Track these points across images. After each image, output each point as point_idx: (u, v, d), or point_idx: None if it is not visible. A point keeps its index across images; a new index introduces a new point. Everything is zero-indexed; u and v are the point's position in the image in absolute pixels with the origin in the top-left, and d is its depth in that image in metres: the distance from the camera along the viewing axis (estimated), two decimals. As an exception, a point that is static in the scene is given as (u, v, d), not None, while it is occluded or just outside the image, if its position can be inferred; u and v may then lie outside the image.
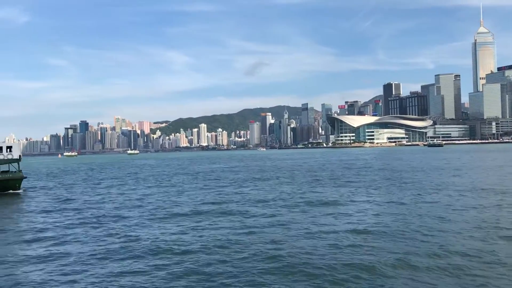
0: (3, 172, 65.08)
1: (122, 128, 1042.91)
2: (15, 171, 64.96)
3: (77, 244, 26.87)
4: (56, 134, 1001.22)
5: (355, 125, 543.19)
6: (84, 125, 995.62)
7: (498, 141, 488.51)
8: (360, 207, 37.93)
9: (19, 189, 63.98)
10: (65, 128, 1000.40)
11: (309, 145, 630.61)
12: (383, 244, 24.14)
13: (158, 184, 70.54)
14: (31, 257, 24.23)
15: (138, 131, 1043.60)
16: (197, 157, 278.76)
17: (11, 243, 28.08)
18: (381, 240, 25.26)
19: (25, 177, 68.36)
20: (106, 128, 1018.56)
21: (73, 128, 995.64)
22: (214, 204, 42.66)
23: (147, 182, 76.57)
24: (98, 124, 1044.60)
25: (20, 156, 66.10)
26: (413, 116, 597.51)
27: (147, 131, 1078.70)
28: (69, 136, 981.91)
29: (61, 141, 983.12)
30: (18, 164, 65.60)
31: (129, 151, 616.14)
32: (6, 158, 63.96)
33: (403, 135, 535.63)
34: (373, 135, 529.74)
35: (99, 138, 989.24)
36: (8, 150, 64.64)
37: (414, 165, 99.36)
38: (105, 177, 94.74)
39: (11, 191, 62.76)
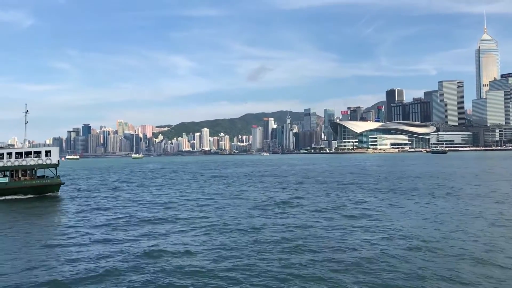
0: (40, 177, 63.64)
1: (125, 131, 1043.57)
2: (53, 177, 63.54)
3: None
4: (59, 137, 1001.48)
5: (358, 131, 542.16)
6: (87, 128, 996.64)
7: (501, 148, 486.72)
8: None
9: (57, 193, 63.06)
10: (68, 131, 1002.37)
11: (312, 151, 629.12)
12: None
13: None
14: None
15: (141, 135, 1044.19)
16: (205, 161, 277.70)
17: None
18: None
19: (63, 183, 66.71)
20: (108, 131, 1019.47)
21: (76, 131, 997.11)
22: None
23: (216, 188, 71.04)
24: (101, 127, 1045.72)
25: (58, 161, 64.29)
26: (416, 123, 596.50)
27: (149, 135, 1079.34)
28: (72, 139, 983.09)
29: (64, 144, 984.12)
30: (56, 169, 63.98)
31: (134, 155, 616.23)
32: (44, 162, 62.46)
33: (406, 142, 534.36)
34: (376, 141, 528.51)
35: (102, 141, 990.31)
36: (47, 154, 62.96)
37: (447, 172, 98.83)
38: (144, 181, 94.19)
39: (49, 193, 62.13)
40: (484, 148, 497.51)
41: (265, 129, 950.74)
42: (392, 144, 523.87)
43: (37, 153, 62.99)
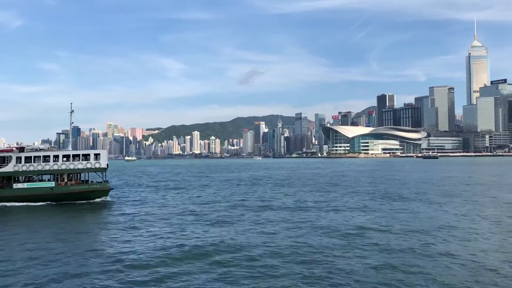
0: (86, 181, 60.06)
1: (114, 134, 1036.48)
2: (101, 181, 59.82)
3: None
4: (48, 139, 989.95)
5: (350, 136, 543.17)
6: (76, 130, 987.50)
7: (491, 154, 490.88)
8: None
9: (106, 199, 59.72)
10: (57, 133, 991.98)
11: (304, 155, 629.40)
12: None
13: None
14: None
15: (131, 138, 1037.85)
16: (203, 165, 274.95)
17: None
18: None
19: (112, 189, 63.33)
20: (98, 134, 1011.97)
21: (65, 133, 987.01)
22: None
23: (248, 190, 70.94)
24: (90, 129, 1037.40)
25: (107, 164, 60.71)
26: (408, 128, 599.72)
27: (139, 137, 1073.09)
28: (61, 141, 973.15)
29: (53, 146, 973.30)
30: (105, 173, 60.37)
31: (127, 158, 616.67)
32: (93, 166, 58.83)
33: (398, 147, 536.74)
34: (367, 146, 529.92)
35: (91, 143, 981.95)
36: (96, 157, 59.53)
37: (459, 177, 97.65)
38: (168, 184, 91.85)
39: (97, 199, 58.40)
40: (474, 154, 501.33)
41: (256, 133, 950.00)
42: (383, 149, 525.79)
43: (86, 156, 59.54)
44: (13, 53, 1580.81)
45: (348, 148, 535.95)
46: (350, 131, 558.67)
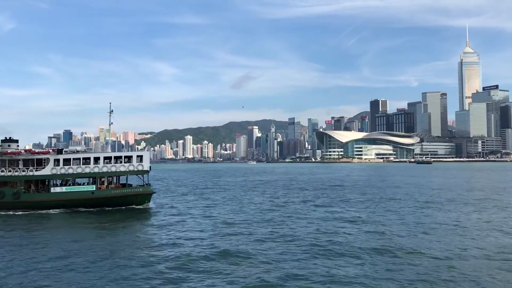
0: (126, 185, 56.71)
1: (107, 138, 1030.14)
2: (143, 185, 56.55)
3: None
4: (39, 143, 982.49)
5: (344, 141, 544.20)
6: (68, 134, 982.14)
7: (484, 159, 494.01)
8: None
9: (148, 205, 56.00)
10: (49, 137, 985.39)
11: (297, 160, 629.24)
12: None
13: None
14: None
15: (123, 142, 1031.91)
16: (199, 169, 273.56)
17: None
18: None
19: (154, 192, 60.29)
20: (90, 138, 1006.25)
21: (57, 137, 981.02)
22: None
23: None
24: (82, 133, 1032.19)
25: (150, 167, 57.53)
26: (401, 133, 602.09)
27: (131, 141, 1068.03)
28: (53, 145, 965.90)
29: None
30: (147, 176, 57.36)
31: None
32: (136, 169, 55.58)
33: (391, 152, 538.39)
34: (361, 151, 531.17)
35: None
36: (139, 159, 56.23)
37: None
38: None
39: (140, 206, 54.61)
40: (467, 159, 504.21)
41: (249, 137, 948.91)
42: (377, 154, 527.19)
43: (128, 158, 56.40)
44: (5, 56, 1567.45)
45: (342, 153, 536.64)
46: (343, 136, 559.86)
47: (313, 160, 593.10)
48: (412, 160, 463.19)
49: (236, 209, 53.48)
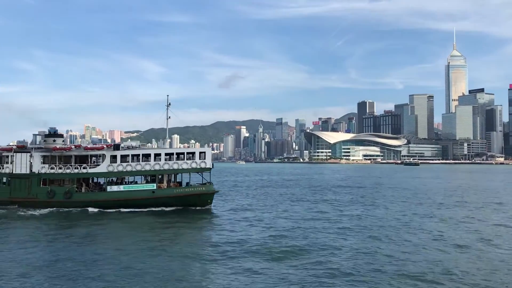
0: (187, 184, 53.50)
1: (92, 136, 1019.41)
2: (205, 183, 52.70)
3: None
4: (24, 140, 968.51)
5: (332, 142, 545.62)
6: (53, 132, 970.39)
7: (470, 161, 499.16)
8: None
9: (210, 205, 52.13)
10: (33, 135, 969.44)
11: (286, 160, 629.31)
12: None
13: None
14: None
15: (109, 140, 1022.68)
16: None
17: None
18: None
19: (217, 191, 56.10)
20: (75, 135, 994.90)
21: (42, 134, 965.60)
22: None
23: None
24: (67, 131, 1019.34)
25: (212, 164, 53.63)
26: (388, 135, 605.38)
27: (117, 140, 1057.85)
28: (37, 142, 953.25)
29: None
30: (209, 174, 53.19)
31: None
32: (199, 166, 51.65)
33: (378, 153, 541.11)
34: (349, 152, 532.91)
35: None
36: (202, 156, 52.39)
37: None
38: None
39: (198, 207, 50.75)
40: (453, 161, 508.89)
41: (236, 137, 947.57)
42: (364, 155, 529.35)
43: (191, 155, 52.58)
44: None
45: (330, 154, 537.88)
46: (331, 137, 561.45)
47: (301, 160, 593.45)
48: (399, 161, 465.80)
49: (297, 209, 51.74)
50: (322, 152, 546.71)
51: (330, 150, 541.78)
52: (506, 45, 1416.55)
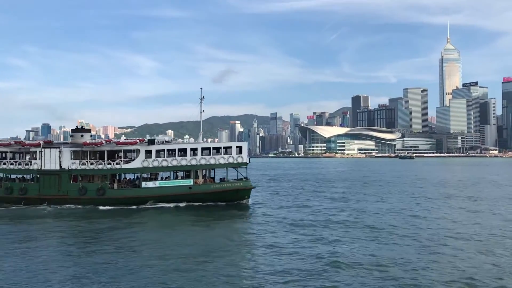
0: (222, 179, 51.79)
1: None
2: (241, 179, 51.45)
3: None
4: (17, 137, 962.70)
5: (327, 136, 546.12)
6: (47, 128, 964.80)
7: (464, 155, 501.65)
8: None
9: (247, 201, 51.08)
10: (26, 131, 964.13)
11: (281, 155, 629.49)
12: None
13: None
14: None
15: (103, 136, 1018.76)
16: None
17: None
18: None
19: (254, 187, 54.24)
20: (69, 131, 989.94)
21: (35, 131, 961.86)
22: None
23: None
24: (61, 127, 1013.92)
25: (249, 159, 52.27)
26: (383, 129, 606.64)
27: (111, 136, 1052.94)
28: (31, 139, 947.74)
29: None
30: (246, 169, 51.77)
31: None
32: (236, 161, 50.34)
33: (373, 147, 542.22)
34: (344, 146, 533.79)
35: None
36: (238, 151, 50.75)
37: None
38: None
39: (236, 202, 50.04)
40: (447, 154, 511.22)
41: (231, 132, 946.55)
42: (359, 149, 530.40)
43: (227, 149, 51.27)
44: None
45: (325, 148, 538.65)
46: (326, 131, 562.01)
47: (296, 155, 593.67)
48: (393, 155, 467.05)
49: (338, 206, 50.82)
50: (317, 147, 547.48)
51: (325, 145, 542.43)
52: (499, 39, 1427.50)
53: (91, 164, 49.45)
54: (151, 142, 51.48)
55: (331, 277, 22.64)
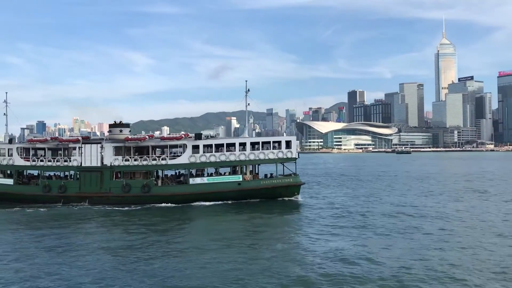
0: (270, 176, 49.86)
1: (81, 129, 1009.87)
2: (290, 174, 49.75)
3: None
4: (11, 134, 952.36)
5: (323, 131, 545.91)
6: (42, 125, 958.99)
7: (460, 149, 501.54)
8: None
9: (297, 197, 49.51)
10: (21, 129, 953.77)
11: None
12: None
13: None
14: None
15: (98, 133, 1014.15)
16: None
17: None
18: None
19: (304, 183, 52.70)
20: (64, 129, 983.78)
21: (30, 128, 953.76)
22: None
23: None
24: (55, 125, 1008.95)
25: (298, 154, 50.66)
26: (379, 123, 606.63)
27: (107, 133, 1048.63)
28: (25, 136, 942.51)
29: (16, 141, 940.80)
30: (295, 164, 50.20)
31: None
32: (285, 156, 48.45)
33: (370, 142, 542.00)
34: (340, 141, 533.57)
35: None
36: (288, 145, 48.84)
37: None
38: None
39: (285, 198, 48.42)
40: (444, 149, 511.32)
41: (227, 128, 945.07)
42: (356, 145, 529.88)
43: (276, 144, 49.40)
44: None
45: (322, 143, 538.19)
46: (323, 127, 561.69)
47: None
48: (389, 150, 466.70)
49: (392, 202, 48.93)
50: (314, 142, 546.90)
51: (321, 140, 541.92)
52: (493, 33, 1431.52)
53: (135, 160, 47.83)
54: (198, 137, 50.18)
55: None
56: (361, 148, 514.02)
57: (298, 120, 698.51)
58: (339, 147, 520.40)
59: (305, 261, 24.59)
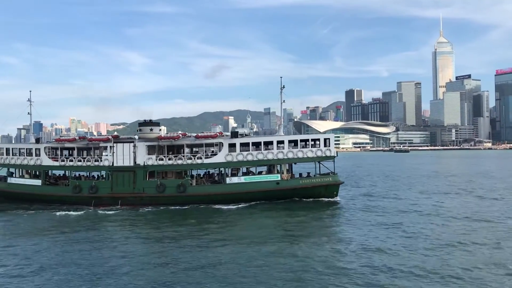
0: (307, 175, 48.23)
1: (78, 129, 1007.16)
2: (328, 173, 48.35)
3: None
4: (8, 134, 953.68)
5: (321, 130, 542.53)
6: (38, 125, 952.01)
7: (458, 147, 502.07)
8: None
9: (336, 197, 47.61)
10: (18, 129, 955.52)
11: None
12: None
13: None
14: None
15: (95, 133, 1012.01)
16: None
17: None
18: None
19: (343, 182, 51.27)
20: (61, 129, 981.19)
21: (26, 128, 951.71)
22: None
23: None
24: (52, 125, 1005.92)
25: (336, 152, 48.89)
26: (377, 122, 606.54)
27: (104, 133, 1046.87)
28: (22, 137, 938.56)
29: (14, 142, 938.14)
30: (333, 163, 48.48)
31: None
32: (324, 154, 47.03)
33: (368, 141, 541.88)
34: (339, 140, 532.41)
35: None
36: (326, 143, 47.59)
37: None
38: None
39: (324, 199, 46.52)
40: (442, 147, 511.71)
41: (224, 128, 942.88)
42: (354, 143, 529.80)
43: (315, 142, 48.01)
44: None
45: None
46: (321, 126, 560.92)
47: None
48: (387, 148, 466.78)
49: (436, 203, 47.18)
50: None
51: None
52: (490, 31, 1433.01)
53: (169, 159, 46.54)
54: (235, 135, 49.00)
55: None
56: (359, 147, 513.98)
57: (296, 119, 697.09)
58: (337, 146, 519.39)
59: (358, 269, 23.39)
